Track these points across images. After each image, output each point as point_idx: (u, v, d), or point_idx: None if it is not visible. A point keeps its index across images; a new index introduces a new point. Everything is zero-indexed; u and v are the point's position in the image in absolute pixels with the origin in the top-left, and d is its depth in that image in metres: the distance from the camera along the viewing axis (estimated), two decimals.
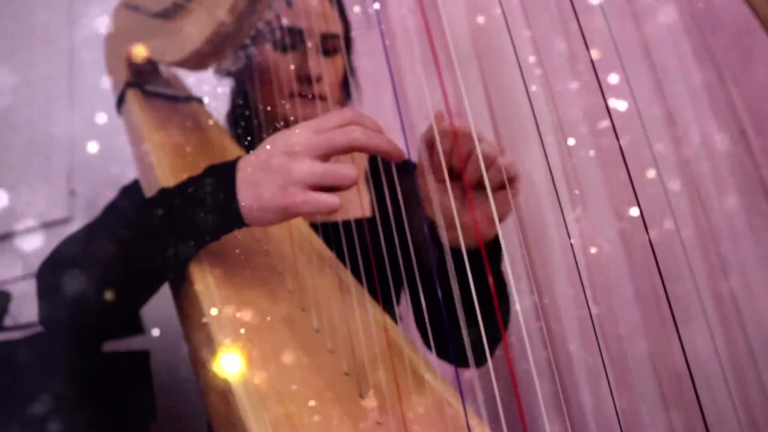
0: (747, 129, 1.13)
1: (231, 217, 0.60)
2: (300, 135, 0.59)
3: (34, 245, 1.28)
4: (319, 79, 0.85)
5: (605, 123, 1.13)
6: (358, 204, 0.89)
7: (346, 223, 0.78)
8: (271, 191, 0.58)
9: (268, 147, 0.60)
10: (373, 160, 0.97)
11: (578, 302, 1.16)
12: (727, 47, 1.14)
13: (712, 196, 1.15)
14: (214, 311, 0.59)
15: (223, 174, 0.61)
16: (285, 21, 0.81)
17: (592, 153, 1.16)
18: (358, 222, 0.73)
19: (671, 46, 1.18)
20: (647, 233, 0.55)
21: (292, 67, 0.84)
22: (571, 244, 1.15)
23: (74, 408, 0.88)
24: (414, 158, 0.70)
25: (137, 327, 1.09)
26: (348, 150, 0.59)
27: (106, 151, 1.19)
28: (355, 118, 0.60)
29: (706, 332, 1.00)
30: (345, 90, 0.97)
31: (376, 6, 0.99)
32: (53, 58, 1.46)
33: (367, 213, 0.90)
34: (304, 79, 0.85)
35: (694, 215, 1.15)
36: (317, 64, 0.85)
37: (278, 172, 0.58)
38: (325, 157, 0.58)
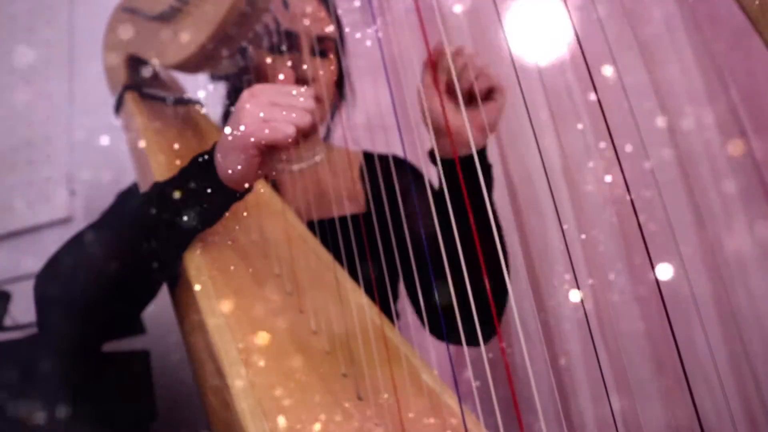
0: (747, 129, 1.13)
1: (209, 178, 0.63)
2: (259, 86, 0.63)
3: (34, 245, 1.28)
4: (313, 80, 0.86)
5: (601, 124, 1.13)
6: (354, 199, 0.90)
7: (342, 219, 0.79)
8: (232, 128, 0.62)
9: None
10: (368, 156, 0.97)
11: (577, 301, 1.16)
12: (727, 47, 1.13)
13: (713, 196, 1.15)
14: (211, 313, 0.59)
15: (206, 152, 0.65)
16: (280, 24, 0.81)
17: (590, 153, 1.16)
18: (354, 217, 0.74)
19: (671, 45, 1.17)
20: (644, 234, 0.55)
21: (286, 69, 0.84)
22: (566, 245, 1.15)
23: (74, 408, 0.88)
24: (410, 157, 0.72)
25: (137, 327, 1.09)
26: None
27: (106, 151, 1.19)
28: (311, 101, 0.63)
29: (707, 332, 1.00)
30: (339, 90, 0.97)
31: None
32: (53, 57, 1.46)
33: (362, 209, 0.90)
34: (299, 81, 0.85)
35: (694, 214, 1.15)
36: (309, 66, 0.85)
37: (237, 112, 0.62)
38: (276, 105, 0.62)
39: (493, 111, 0.75)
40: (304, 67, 0.85)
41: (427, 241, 0.70)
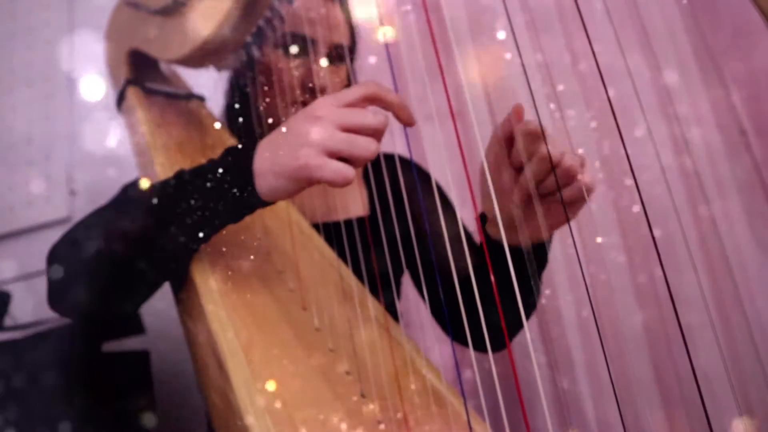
0: (747, 129, 1.13)
1: (244, 185, 0.58)
2: (323, 104, 0.57)
3: (34, 245, 1.28)
4: (323, 91, 0.85)
5: (603, 123, 1.13)
6: (358, 202, 0.89)
7: (348, 222, 0.78)
8: (287, 151, 0.56)
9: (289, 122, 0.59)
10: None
11: (578, 303, 1.16)
12: (727, 47, 1.14)
13: (713, 196, 1.15)
14: (215, 311, 0.58)
15: (243, 151, 0.60)
16: (294, 28, 0.80)
17: (592, 153, 1.16)
18: (360, 220, 0.73)
19: (671, 45, 1.18)
20: (652, 234, 0.55)
21: (297, 74, 0.83)
22: (576, 247, 1.15)
23: (74, 408, 0.87)
24: (415, 158, 0.70)
25: (137, 327, 1.09)
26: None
27: (107, 151, 1.19)
28: (377, 92, 0.59)
29: (707, 332, 1.00)
30: None
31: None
32: (53, 57, 1.45)
33: (366, 211, 0.90)
34: (308, 89, 0.84)
35: (694, 215, 1.15)
36: (325, 75, 0.84)
37: (297, 134, 0.56)
38: (345, 129, 0.56)
39: (570, 212, 0.63)
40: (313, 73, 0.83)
41: (433, 242, 0.70)
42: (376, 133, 0.57)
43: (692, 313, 1.04)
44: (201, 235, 0.61)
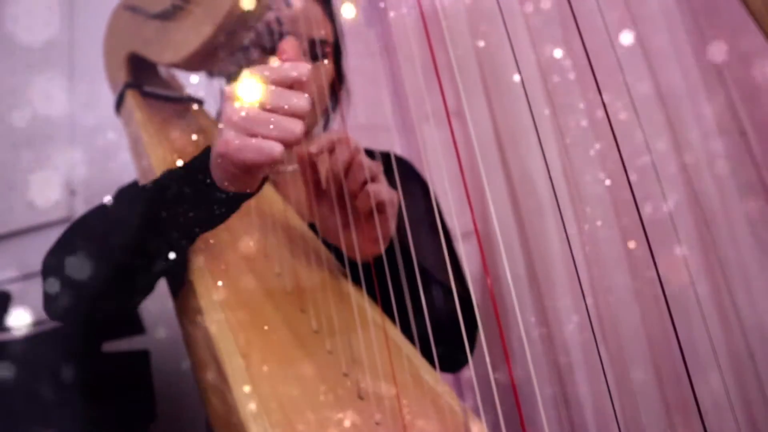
0: (747, 129, 1.13)
1: (203, 178, 0.58)
2: (245, 85, 0.55)
3: (34, 245, 1.28)
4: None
5: (605, 126, 1.13)
6: None
7: None
8: (219, 139, 0.55)
9: None
10: (368, 154, 0.97)
11: (579, 302, 1.16)
12: (727, 47, 1.14)
13: (712, 196, 1.15)
14: (212, 313, 0.59)
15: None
16: (282, 24, 0.80)
17: (592, 154, 1.16)
18: None
19: (670, 45, 1.18)
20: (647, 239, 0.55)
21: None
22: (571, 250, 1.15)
23: (75, 408, 0.88)
24: (413, 158, 0.70)
25: (137, 327, 1.09)
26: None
27: (107, 151, 1.19)
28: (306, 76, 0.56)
29: (706, 333, 1.00)
30: (334, 95, 0.96)
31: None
32: (53, 57, 1.46)
33: None
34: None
35: (694, 215, 1.15)
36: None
37: (224, 119, 0.55)
38: (268, 109, 0.54)
39: (385, 223, 0.67)
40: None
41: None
42: (301, 114, 0.55)
43: (693, 319, 1.04)
44: (184, 243, 0.62)
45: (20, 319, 1.10)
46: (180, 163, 0.64)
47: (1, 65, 1.48)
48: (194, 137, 0.84)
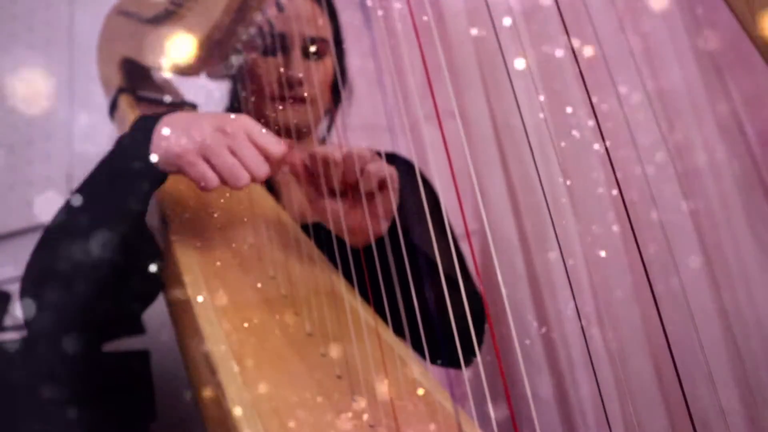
0: (747, 130, 1.13)
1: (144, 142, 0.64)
2: (237, 125, 0.63)
3: (34, 246, 1.28)
4: (300, 83, 0.85)
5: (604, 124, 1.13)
6: None
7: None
8: (180, 132, 0.61)
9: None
10: None
11: (579, 303, 1.16)
12: (727, 47, 1.13)
13: (712, 196, 1.15)
14: (206, 317, 0.59)
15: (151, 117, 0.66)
16: (274, 27, 0.81)
17: (591, 154, 1.16)
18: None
19: (670, 46, 1.17)
20: (635, 242, 0.55)
21: (274, 72, 0.84)
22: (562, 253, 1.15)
23: (74, 408, 0.88)
24: (412, 157, 0.71)
25: (137, 327, 1.09)
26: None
27: (106, 151, 1.19)
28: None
29: (705, 335, 1.00)
30: (335, 93, 0.96)
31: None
32: (53, 57, 1.46)
33: None
34: (286, 83, 0.85)
35: (693, 215, 1.15)
36: (299, 68, 0.84)
37: (198, 128, 0.61)
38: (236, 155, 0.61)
39: (387, 199, 0.69)
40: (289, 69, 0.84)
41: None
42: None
43: (692, 319, 1.04)
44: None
45: (20, 319, 1.10)
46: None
47: (1, 65, 1.48)
48: None
